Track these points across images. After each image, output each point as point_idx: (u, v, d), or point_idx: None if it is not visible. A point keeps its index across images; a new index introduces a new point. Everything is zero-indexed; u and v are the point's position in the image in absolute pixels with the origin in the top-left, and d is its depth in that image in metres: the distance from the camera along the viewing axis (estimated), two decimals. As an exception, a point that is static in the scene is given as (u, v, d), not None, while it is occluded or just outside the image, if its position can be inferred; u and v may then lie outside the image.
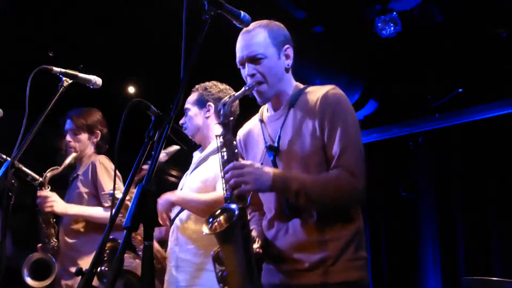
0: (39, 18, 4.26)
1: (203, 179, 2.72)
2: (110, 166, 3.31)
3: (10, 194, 2.25)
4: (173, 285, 2.65)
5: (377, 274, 5.40)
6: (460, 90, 4.85)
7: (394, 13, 4.23)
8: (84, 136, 3.43)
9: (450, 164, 5.15)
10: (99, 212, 3.18)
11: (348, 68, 4.75)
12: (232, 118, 2.02)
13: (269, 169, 1.92)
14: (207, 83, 2.93)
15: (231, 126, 2.00)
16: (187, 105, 2.89)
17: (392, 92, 5.09)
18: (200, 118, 2.87)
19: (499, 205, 4.75)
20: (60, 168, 3.16)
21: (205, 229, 1.88)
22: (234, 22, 1.84)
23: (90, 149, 3.46)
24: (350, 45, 4.64)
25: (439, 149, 5.29)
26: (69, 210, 3.17)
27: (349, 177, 1.90)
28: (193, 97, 2.91)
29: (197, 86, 2.94)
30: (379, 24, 4.32)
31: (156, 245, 2.94)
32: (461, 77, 4.75)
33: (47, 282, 3.13)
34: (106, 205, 3.19)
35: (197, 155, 2.92)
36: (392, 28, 4.30)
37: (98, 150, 3.50)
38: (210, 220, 1.91)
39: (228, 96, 2.03)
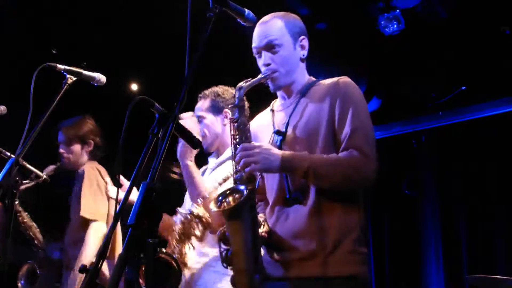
0: (42, 16, 4.26)
1: (219, 182, 2.68)
2: (94, 175, 3.29)
3: (14, 191, 2.25)
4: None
5: (380, 272, 5.40)
6: (463, 88, 4.84)
7: (398, 10, 4.22)
8: (76, 147, 3.43)
9: (453, 162, 5.14)
10: None
11: (351, 66, 4.74)
12: (247, 102, 2.03)
13: (278, 150, 1.95)
14: (216, 89, 2.82)
15: (245, 109, 2.03)
16: (199, 113, 2.77)
17: (395, 90, 5.08)
18: (219, 126, 2.78)
19: (502, 202, 4.74)
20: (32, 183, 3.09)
21: (213, 207, 1.90)
22: (238, 19, 1.84)
23: (84, 159, 3.45)
24: (353, 42, 4.63)
25: (442, 147, 5.28)
26: None
27: (361, 157, 1.91)
28: (205, 104, 2.79)
29: (205, 92, 2.82)
30: (382, 22, 4.31)
31: None
32: (465, 74, 4.73)
33: None
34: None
35: (212, 161, 2.87)
36: (395, 26, 4.29)
37: (93, 159, 3.49)
38: (219, 199, 1.92)
39: (244, 81, 2.05)
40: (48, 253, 3.39)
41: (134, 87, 5.39)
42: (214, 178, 2.73)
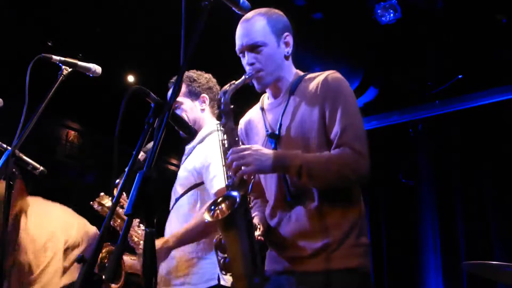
0: (38, 8, 4.24)
1: (190, 168, 2.68)
2: None
3: (11, 183, 2.24)
4: (164, 275, 2.62)
5: (377, 260, 5.43)
6: (460, 76, 4.85)
7: (394, -1, 4.22)
8: None
9: (450, 151, 5.16)
10: None
11: (347, 55, 4.73)
12: (232, 106, 1.99)
13: (269, 150, 1.93)
14: (191, 74, 2.79)
15: (231, 114, 1.98)
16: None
17: (392, 79, 5.09)
18: (197, 111, 2.78)
19: (498, 190, 4.77)
20: None
21: (207, 217, 1.88)
22: (233, 8, 1.83)
23: None
24: (350, 32, 4.62)
25: (439, 136, 5.29)
26: None
27: (353, 153, 1.89)
28: (181, 89, 2.75)
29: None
30: (378, 11, 4.30)
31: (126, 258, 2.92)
32: (461, 63, 4.74)
33: None
34: None
35: (188, 148, 2.86)
36: (391, 15, 4.28)
37: None
38: (212, 207, 1.90)
39: (228, 84, 2.02)
40: None
41: (130, 78, 5.38)
42: (185, 167, 2.72)
